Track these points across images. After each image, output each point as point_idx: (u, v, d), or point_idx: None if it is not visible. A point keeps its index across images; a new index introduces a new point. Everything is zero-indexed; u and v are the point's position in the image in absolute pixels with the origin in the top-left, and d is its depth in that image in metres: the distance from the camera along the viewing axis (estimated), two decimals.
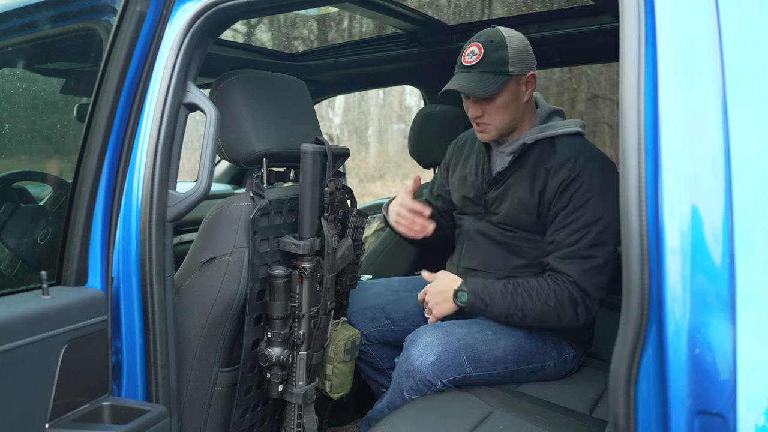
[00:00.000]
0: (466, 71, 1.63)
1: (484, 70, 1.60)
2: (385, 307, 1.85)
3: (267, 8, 1.32)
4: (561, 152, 1.64)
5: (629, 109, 0.87)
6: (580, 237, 1.57)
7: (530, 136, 1.68)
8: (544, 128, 1.69)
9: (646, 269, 0.84)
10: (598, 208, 1.56)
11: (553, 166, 1.62)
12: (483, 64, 1.60)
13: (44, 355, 1.06)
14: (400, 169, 10.57)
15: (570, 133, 1.68)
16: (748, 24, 0.81)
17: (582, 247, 1.56)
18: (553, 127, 1.68)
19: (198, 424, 1.45)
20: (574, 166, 1.59)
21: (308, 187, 1.45)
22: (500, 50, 1.61)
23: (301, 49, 2.80)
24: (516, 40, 1.64)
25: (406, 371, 1.53)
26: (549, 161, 1.63)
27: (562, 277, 1.57)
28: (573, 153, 1.62)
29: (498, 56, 1.60)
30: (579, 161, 1.59)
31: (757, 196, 0.79)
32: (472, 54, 1.62)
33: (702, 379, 0.79)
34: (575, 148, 1.63)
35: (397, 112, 11.36)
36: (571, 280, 1.56)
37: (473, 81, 1.60)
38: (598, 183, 1.57)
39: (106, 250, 1.20)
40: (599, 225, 1.56)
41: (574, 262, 1.57)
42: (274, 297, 1.43)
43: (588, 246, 1.56)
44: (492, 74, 1.60)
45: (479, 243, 1.77)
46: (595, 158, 1.61)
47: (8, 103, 1.58)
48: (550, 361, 1.68)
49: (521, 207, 1.66)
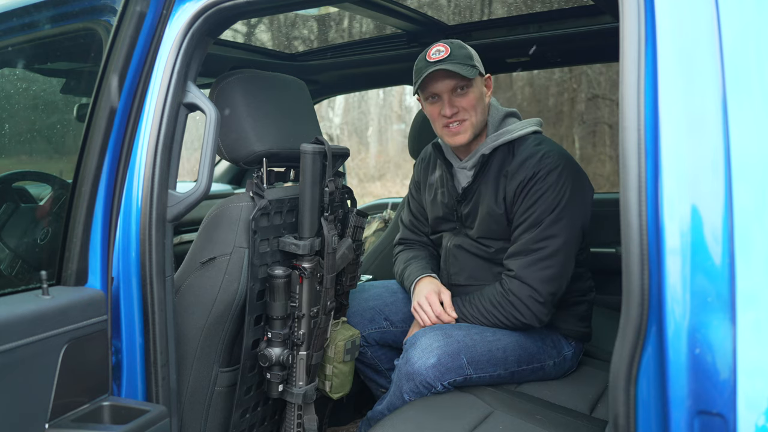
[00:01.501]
0: (437, 65, 1.61)
1: (456, 62, 1.61)
2: (384, 308, 1.85)
3: (267, 8, 1.32)
4: (518, 155, 1.64)
5: (629, 109, 0.87)
6: (527, 232, 1.58)
7: (487, 146, 1.68)
8: (498, 135, 1.69)
9: (646, 269, 0.84)
10: (549, 204, 1.56)
11: (510, 170, 1.63)
12: (453, 57, 1.61)
13: (44, 355, 1.06)
14: (400, 169, 10.57)
15: (527, 134, 1.68)
16: (748, 24, 0.81)
17: (528, 242, 1.57)
18: (508, 132, 1.68)
19: (198, 424, 1.45)
20: (528, 167, 1.60)
21: (308, 187, 1.44)
22: (464, 48, 1.65)
23: (301, 49, 2.79)
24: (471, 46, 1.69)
25: (406, 374, 1.53)
26: (507, 166, 1.65)
27: (508, 275, 1.58)
28: (529, 153, 1.62)
29: (464, 53, 1.63)
30: (534, 161, 1.60)
31: (757, 197, 0.79)
32: (438, 51, 1.63)
33: (702, 379, 0.79)
34: (532, 149, 1.63)
35: (397, 112, 11.35)
36: (511, 275, 1.57)
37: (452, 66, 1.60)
38: (552, 178, 1.58)
39: (106, 250, 1.20)
40: (549, 220, 1.56)
41: (520, 258, 1.57)
42: (274, 297, 1.43)
43: (535, 240, 1.56)
44: (464, 65, 1.61)
45: (461, 258, 1.77)
46: (551, 154, 1.61)
47: (8, 103, 1.58)
48: (549, 360, 1.68)
49: (491, 218, 1.67)
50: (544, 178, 1.58)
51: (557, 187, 1.57)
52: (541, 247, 1.56)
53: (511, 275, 1.58)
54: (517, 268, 1.57)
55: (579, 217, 1.61)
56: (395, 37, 2.52)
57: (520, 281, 1.56)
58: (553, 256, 1.56)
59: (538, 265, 1.56)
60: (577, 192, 1.60)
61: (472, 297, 1.66)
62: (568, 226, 1.58)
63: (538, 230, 1.56)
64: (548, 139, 1.70)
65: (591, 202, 1.67)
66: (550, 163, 1.59)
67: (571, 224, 1.58)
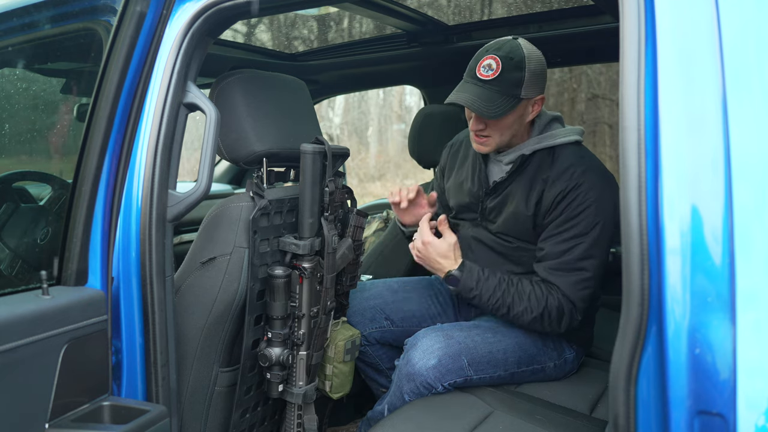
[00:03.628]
0: (477, 84, 1.56)
1: (497, 89, 1.54)
2: (385, 308, 1.85)
3: (267, 8, 1.32)
4: (560, 162, 1.61)
5: (629, 109, 0.87)
6: (570, 248, 1.55)
7: (529, 147, 1.65)
8: (543, 138, 1.65)
9: (646, 269, 0.84)
10: (590, 221, 1.54)
11: (551, 176, 1.59)
12: (497, 82, 1.54)
13: (44, 355, 1.06)
14: (400, 169, 10.57)
15: (569, 142, 1.65)
16: (748, 23, 0.81)
17: (572, 260, 1.55)
18: (552, 137, 1.65)
19: (198, 424, 1.45)
20: (571, 177, 1.56)
21: (308, 187, 1.44)
22: (517, 71, 1.54)
23: (301, 49, 2.80)
24: (535, 62, 1.58)
25: (406, 375, 1.53)
26: (547, 172, 1.61)
27: (553, 288, 1.57)
28: (571, 163, 1.59)
29: (514, 77, 1.54)
30: (577, 172, 1.57)
31: (757, 196, 0.79)
32: (488, 68, 1.55)
33: (702, 379, 0.79)
34: (574, 158, 1.60)
35: (397, 112, 11.36)
36: (561, 291, 1.56)
37: (483, 98, 1.54)
38: (594, 195, 1.55)
39: (106, 250, 1.20)
40: (590, 237, 1.54)
41: (564, 275, 1.56)
42: (274, 297, 1.43)
43: (577, 258, 1.55)
44: (504, 95, 1.54)
45: (476, 250, 1.76)
46: (594, 169, 1.59)
47: (8, 103, 1.58)
48: (550, 362, 1.68)
49: (517, 218, 1.65)
50: (586, 193, 1.55)
51: (600, 205, 1.55)
52: (585, 267, 1.55)
53: (559, 291, 1.56)
54: (564, 287, 1.55)
55: (610, 239, 1.59)
56: (395, 37, 2.52)
57: (566, 298, 1.55)
58: (593, 279, 1.56)
59: (582, 285, 1.55)
60: (610, 215, 1.58)
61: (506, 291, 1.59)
62: (606, 247, 1.58)
63: (582, 248, 1.55)
64: (590, 152, 1.68)
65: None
66: (592, 179, 1.57)
67: (607, 246, 1.59)
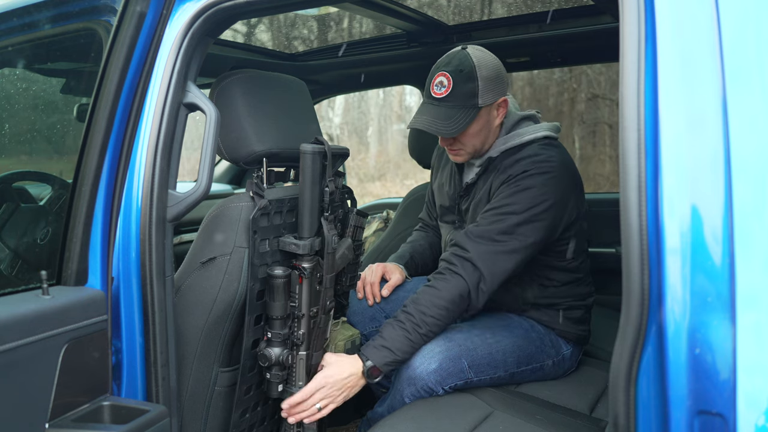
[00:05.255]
0: (434, 104, 1.58)
1: (453, 105, 1.56)
2: (385, 306, 1.85)
3: (267, 8, 1.32)
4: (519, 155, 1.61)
5: (629, 109, 0.87)
6: (497, 220, 1.53)
7: (495, 149, 1.67)
8: (508, 138, 1.67)
9: (646, 269, 0.84)
10: (528, 202, 1.52)
11: (504, 166, 1.61)
12: (451, 98, 1.56)
13: (44, 355, 1.06)
14: (400, 169, 10.57)
15: (536, 139, 1.64)
16: (748, 23, 0.81)
17: (494, 230, 1.52)
18: (518, 136, 1.66)
19: (198, 424, 1.45)
20: (519, 165, 1.57)
21: (308, 187, 1.44)
22: (469, 82, 1.56)
23: (301, 49, 2.80)
24: (487, 68, 1.59)
25: (407, 378, 1.53)
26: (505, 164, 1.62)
27: (460, 252, 1.51)
28: (529, 154, 1.59)
29: (467, 89, 1.56)
30: (526, 162, 1.57)
31: (757, 196, 0.79)
32: (441, 85, 1.57)
33: (702, 378, 0.79)
34: (534, 149, 1.60)
35: (397, 112, 11.35)
36: (467, 256, 1.50)
37: (441, 117, 1.56)
38: (540, 180, 1.53)
39: (106, 250, 1.20)
40: (521, 217, 1.52)
41: (480, 243, 1.51)
42: (274, 297, 1.43)
43: (501, 232, 1.51)
44: (461, 108, 1.56)
45: None
46: (548, 160, 1.57)
47: (8, 103, 1.58)
48: (548, 360, 1.68)
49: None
50: (530, 177, 1.54)
51: (543, 190, 1.53)
52: (504, 240, 1.50)
53: (465, 255, 1.50)
54: (475, 252, 1.50)
55: (548, 231, 1.56)
56: (395, 37, 2.52)
57: (473, 265, 1.50)
58: (511, 254, 1.51)
59: (497, 258, 1.50)
60: (559, 206, 1.55)
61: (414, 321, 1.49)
62: (536, 233, 1.53)
63: (508, 222, 1.51)
64: (558, 146, 1.66)
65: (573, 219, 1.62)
66: (545, 167, 1.55)
67: (540, 234, 1.54)
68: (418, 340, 1.50)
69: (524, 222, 1.52)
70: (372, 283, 1.80)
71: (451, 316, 1.53)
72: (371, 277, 1.81)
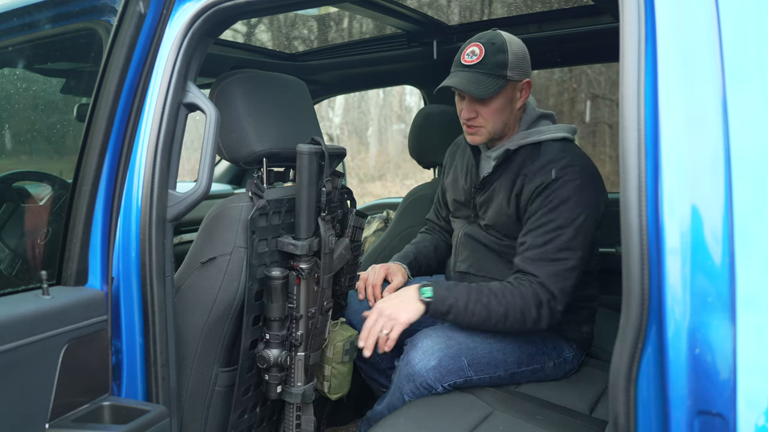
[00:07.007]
0: (464, 70, 1.61)
1: (483, 72, 1.59)
2: None
3: (267, 8, 1.32)
4: (542, 158, 1.62)
5: (629, 109, 0.87)
6: (550, 239, 1.55)
7: (514, 142, 1.67)
8: (528, 134, 1.68)
9: (646, 269, 0.84)
10: (570, 214, 1.54)
11: (531, 171, 1.61)
12: (482, 65, 1.59)
13: (44, 355, 1.06)
14: (400, 169, 10.57)
15: (556, 139, 1.66)
16: (747, 23, 0.81)
17: (551, 250, 1.54)
18: (538, 133, 1.67)
19: (198, 424, 1.45)
20: (550, 172, 1.58)
21: (305, 188, 1.44)
22: (501, 54, 1.60)
23: (301, 49, 2.80)
24: (516, 45, 1.63)
25: (406, 375, 1.53)
26: (529, 167, 1.63)
27: (528, 277, 1.55)
28: (552, 158, 1.60)
29: (498, 59, 1.59)
30: (556, 166, 1.58)
31: (757, 196, 0.79)
32: (472, 54, 1.61)
33: (702, 379, 0.79)
34: (556, 154, 1.61)
35: (397, 112, 11.35)
36: (538, 281, 1.53)
37: (472, 80, 1.59)
38: (573, 188, 1.55)
39: (106, 250, 1.21)
40: (570, 230, 1.54)
41: (542, 264, 1.54)
42: (272, 298, 1.42)
43: (557, 249, 1.54)
44: (491, 76, 1.59)
45: (470, 247, 1.77)
46: (575, 164, 1.58)
47: (8, 103, 1.58)
48: (549, 361, 1.68)
49: (501, 212, 1.67)
50: (564, 186, 1.56)
51: (580, 199, 1.55)
52: (564, 258, 1.54)
53: (536, 281, 1.54)
54: (543, 275, 1.53)
55: (592, 233, 1.60)
56: (395, 37, 2.52)
57: (543, 287, 1.53)
58: (573, 270, 1.55)
59: (562, 276, 1.54)
60: (592, 210, 1.58)
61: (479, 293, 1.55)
62: (586, 242, 1.57)
63: (562, 239, 1.54)
64: (577, 148, 1.68)
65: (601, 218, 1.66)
66: (572, 173, 1.57)
67: (587, 241, 1.58)
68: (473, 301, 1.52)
69: (574, 236, 1.54)
70: (374, 284, 1.80)
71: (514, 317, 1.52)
72: (373, 278, 1.81)
